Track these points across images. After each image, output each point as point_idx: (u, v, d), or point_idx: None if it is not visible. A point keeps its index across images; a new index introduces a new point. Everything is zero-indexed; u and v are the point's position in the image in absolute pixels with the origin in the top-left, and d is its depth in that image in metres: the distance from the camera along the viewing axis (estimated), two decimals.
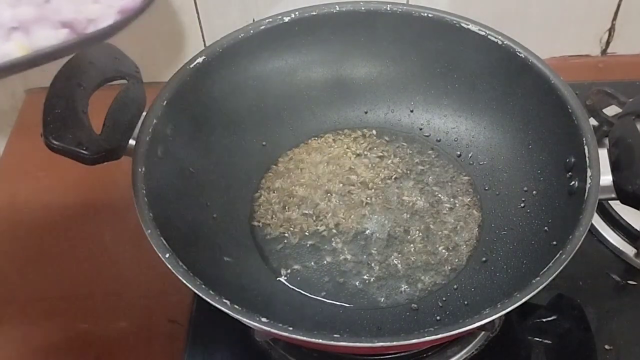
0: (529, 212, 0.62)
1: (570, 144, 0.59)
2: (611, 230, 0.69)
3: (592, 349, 0.61)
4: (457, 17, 0.66)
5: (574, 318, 0.63)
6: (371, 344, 0.47)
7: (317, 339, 0.47)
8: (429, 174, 0.68)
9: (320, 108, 0.72)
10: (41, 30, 0.43)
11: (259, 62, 0.67)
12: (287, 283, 0.61)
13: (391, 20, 0.68)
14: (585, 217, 0.52)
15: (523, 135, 0.66)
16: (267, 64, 0.68)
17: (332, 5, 0.67)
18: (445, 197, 0.66)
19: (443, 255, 0.62)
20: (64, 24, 0.43)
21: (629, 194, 0.57)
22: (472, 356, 0.60)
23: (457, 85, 0.70)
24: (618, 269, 0.67)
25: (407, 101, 0.72)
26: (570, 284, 0.65)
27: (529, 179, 0.64)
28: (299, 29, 0.67)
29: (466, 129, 0.70)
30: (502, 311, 0.48)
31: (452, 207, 0.66)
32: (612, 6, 0.84)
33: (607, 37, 0.88)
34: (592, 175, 0.55)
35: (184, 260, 0.50)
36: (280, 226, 0.64)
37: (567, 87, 0.61)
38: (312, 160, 0.69)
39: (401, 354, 0.60)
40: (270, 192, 0.67)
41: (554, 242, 0.55)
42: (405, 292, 0.60)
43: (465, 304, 0.58)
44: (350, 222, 0.64)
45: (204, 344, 0.61)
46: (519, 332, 0.62)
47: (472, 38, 0.66)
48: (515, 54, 0.64)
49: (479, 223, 0.65)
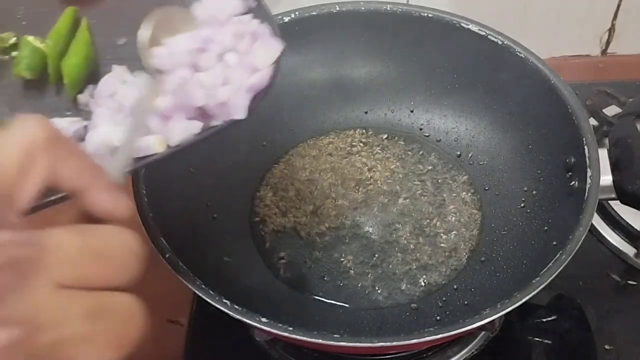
0: (529, 212, 0.62)
1: (570, 144, 0.59)
2: (611, 230, 0.69)
3: (592, 349, 0.61)
4: (457, 17, 0.66)
5: (574, 318, 0.63)
6: (371, 344, 0.47)
7: (317, 339, 0.47)
8: (429, 174, 0.68)
9: (320, 108, 0.72)
10: (177, 123, 0.43)
11: None
12: (287, 283, 0.61)
13: (391, 20, 0.68)
14: (585, 217, 0.52)
15: (523, 135, 0.66)
16: None
17: (332, 5, 0.67)
18: (445, 197, 0.66)
19: (443, 255, 0.62)
20: (198, 111, 0.44)
21: (629, 194, 0.58)
22: (472, 356, 0.60)
23: (457, 85, 0.70)
24: (618, 269, 0.67)
25: (407, 101, 0.72)
26: (570, 284, 0.65)
27: (529, 179, 0.64)
28: (299, 29, 0.67)
29: (466, 129, 0.70)
30: (502, 311, 0.48)
31: (452, 207, 0.66)
32: (612, 6, 0.84)
33: (607, 37, 0.88)
34: (592, 175, 0.55)
35: (184, 260, 0.50)
36: (280, 226, 0.64)
37: (567, 87, 0.61)
38: (312, 160, 0.69)
39: (401, 354, 0.60)
40: (270, 192, 0.67)
41: (554, 242, 0.55)
42: (405, 292, 0.60)
43: (465, 304, 0.58)
44: (350, 222, 0.64)
45: (204, 344, 0.61)
46: (519, 332, 0.62)
47: (472, 38, 0.66)
48: (515, 54, 0.64)
49: (479, 223, 0.65)
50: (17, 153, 0.27)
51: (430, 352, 0.60)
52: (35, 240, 0.26)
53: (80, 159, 0.30)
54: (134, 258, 0.29)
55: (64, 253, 0.26)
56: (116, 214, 0.31)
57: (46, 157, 0.28)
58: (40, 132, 0.28)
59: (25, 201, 0.28)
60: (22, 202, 0.28)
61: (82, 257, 0.27)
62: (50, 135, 0.28)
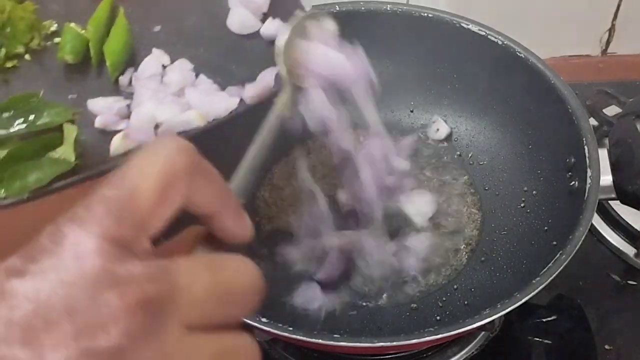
0: (529, 212, 0.62)
1: (570, 144, 0.59)
2: (611, 230, 0.69)
3: (592, 349, 0.61)
4: (457, 17, 0.66)
5: (574, 318, 0.63)
6: (371, 344, 0.47)
7: (317, 339, 0.47)
8: (429, 174, 0.68)
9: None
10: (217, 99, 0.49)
11: None
12: (287, 283, 0.61)
13: (391, 20, 0.68)
14: (585, 217, 0.52)
15: (523, 135, 0.66)
16: None
17: (332, 6, 0.67)
18: (445, 197, 0.66)
19: (443, 256, 0.62)
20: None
21: (629, 194, 0.58)
22: (472, 356, 0.60)
23: (457, 85, 0.70)
24: (618, 269, 0.67)
25: (407, 101, 0.72)
26: (570, 284, 0.65)
27: (529, 179, 0.64)
28: None
29: (466, 129, 0.70)
30: (502, 311, 0.48)
31: (452, 207, 0.66)
32: (612, 6, 0.84)
33: (607, 37, 0.88)
34: (592, 175, 0.55)
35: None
36: (278, 226, 0.64)
37: (567, 87, 0.61)
38: (311, 160, 0.69)
39: (401, 354, 0.60)
40: (269, 192, 0.67)
41: (554, 242, 0.55)
42: (406, 292, 0.60)
43: (465, 304, 0.58)
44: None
45: None
46: (519, 332, 0.62)
47: (472, 38, 0.66)
48: (515, 54, 0.64)
49: (479, 223, 0.64)
50: (157, 178, 0.25)
51: (430, 352, 0.60)
52: (166, 275, 0.24)
53: (216, 185, 0.28)
54: (257, 293, 0.27)
55: (195, 293, 0.24)
56: (241, 238, 0.29)
57: (185, 185, 0.26)
58: (182, 157, 0.26)
59: (157, 228, 0.25)
60: (155, 229, 0.25)
61: (212, 297, 0.25)
62: (192, 161, 0.26)
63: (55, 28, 0.56)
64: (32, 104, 0.47)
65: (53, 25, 0.56)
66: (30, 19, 0.55)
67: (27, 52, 0.54)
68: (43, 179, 0.44)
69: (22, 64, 0.54)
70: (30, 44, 0.55)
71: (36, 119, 0.47)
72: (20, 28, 0.54)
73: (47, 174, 0.45)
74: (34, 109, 0.47)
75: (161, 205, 0.25)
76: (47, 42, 0.55)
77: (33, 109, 0.47)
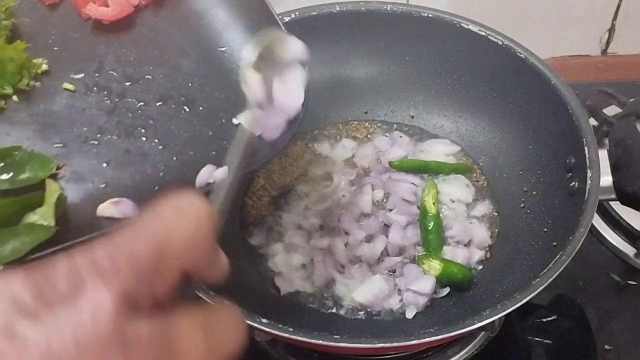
0: (529, 212, 0.62)
1: (570, 144, 0.59)
2: (611, 231, 0.69)
3: (592, 349, 0.61)
4: (457, 17, 0.66)
5: (574, 318, 0.63)
6: (371, 345, 0.47)
7: (317, 339, 0.47)
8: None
9: (320, 108, 0.72)
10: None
11: None
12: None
13: (391, 20, 0.68)
14: (585, 217, 0.52)
15: (523, 135, 0.66)
16: None
17: (332, 5, 0.67)
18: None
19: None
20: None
21: (629, 195, 0.58)
22: (472, 356, 0.60)
23: (457, 85, 0.70)
24: (618, 269, 0.67)
25: (407, 101, 0.72)
26: (570, 284, 0.65)
27: (529, 179, 0.64)
28: (299, 29, 0.66)
29: (466, 129, 0.70)
30: (502, 312, 0.48)
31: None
32: (612, 6, 0.84)
33: (607, 37, 0.88)
34: (592, 176, 0.55)
35: None
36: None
37: (567, 87, 0.61)
38: (309, 158, 0.69)
39: (401, 354, 0.60)
40: (265, 190, 0.67)
41: (554, 243, 0.55)
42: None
43: (465, 304, 0.58)
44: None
45: None
46: (519, 332, 0.62)
47: (472, 38, 0.66)
48: (515, 54, 0.64)
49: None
50: (186, 243, 0.26)
51: (430, 352, 0.60)
52: (167, 339, 0.25)
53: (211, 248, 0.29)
54: (243, 342, 0.28)
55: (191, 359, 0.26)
56: (217, 281, 0.31)
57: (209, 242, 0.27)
58: (208, 224, 0.27)
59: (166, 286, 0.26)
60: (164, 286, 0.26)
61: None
62: (213, 230, 0.28)
63: (46, 68, 0.53)
64: (15, 157, 0.45)
65: (44, 64, 0.53)
66: (21, 59, 0.51)
67: (15, 92, 0.51)
68: (20, 250, 0.41)
69: (10, 105, 0.51)
70: (20, 84, 0.52)
71: (18, 173, 0.45)
72: (9, 69, 0.51)
73: (25, 243, 0.41)
74: (17, 162, 0.45)
75: (182, 267, 0.27)
76: (37, 82, 0.52)
77: (16, 163, 0.45)
